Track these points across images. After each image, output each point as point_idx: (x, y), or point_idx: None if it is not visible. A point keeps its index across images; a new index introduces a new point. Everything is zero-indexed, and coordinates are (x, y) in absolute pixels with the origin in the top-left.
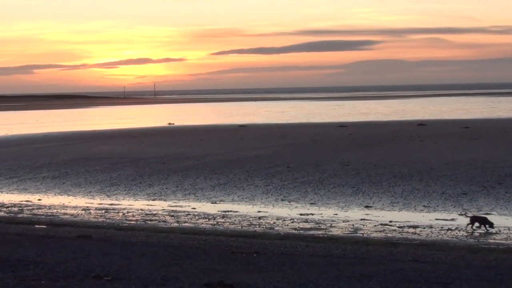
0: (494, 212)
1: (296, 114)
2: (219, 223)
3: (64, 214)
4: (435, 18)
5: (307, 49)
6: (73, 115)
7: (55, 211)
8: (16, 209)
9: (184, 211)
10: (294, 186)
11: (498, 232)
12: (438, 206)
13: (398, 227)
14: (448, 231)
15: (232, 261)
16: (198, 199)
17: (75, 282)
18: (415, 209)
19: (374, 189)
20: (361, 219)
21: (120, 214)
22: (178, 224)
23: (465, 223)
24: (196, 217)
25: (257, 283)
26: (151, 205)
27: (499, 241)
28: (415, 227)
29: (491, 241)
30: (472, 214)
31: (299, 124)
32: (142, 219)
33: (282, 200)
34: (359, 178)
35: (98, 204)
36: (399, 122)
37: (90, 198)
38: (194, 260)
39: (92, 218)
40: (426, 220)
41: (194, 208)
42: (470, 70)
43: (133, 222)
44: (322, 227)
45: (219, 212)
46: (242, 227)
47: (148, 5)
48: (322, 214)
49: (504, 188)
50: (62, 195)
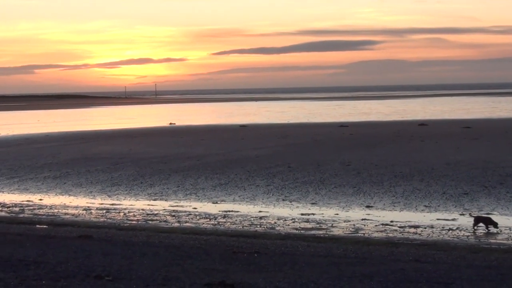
0: (495, 212)
1: (297, 114)
2: (220, 223)
3: (65, 214)
4: (436, 18)
5: (308, 49)
6: (74, 115)
7: (56, 211)
8: (17, 209)
9: (185, 211)
10: (295, 186)
11: (499, 232)
12: (439, 206)
13: (399, 227)
14: (449, 231)
15: (233, 261)
16: (199, 199)
17: (76, 282)
18: (416, 209)
19: (375, 189)
20: (362, 219)
21: (121, 214)
22: (179, 224)
23: (466, 222)
24: (197, 217)
25: (258, 283)
26: (152, 205)
27: (500, 241)
28: (416, 227)
29: (492, 241)
30: (477, 214)
31: (300, 124)
32: (143, 219)
33: (283, 200)
34: (360, 178)
35: (99, 204)
36: (400, 122)
37: (91, 198)
38: (195, 260)
39: (93, 218)
40: (427, 220)
41: (195, 208)
42: (471, 70)
43: (134, 222)
44: (323, 227)
45: (220, 212)
46: (243, 227)
47: (149, 5)
48: (323, 214)
49: (505, 188)
50: (63, 195)
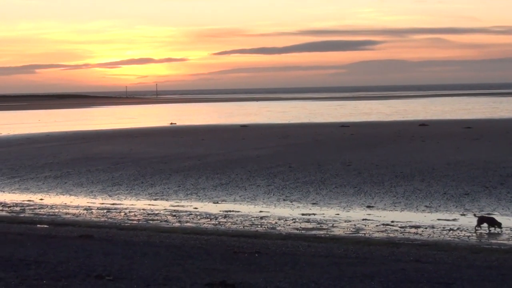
0: (496, 213)
1: (297, 114)
2: (221, 223)
3: (66, 213)
4: (437, 18)
5: (308, 49)
6: (75, 115)
7: (57, 210)
8: (18, 208)
9: (186, 211)
10: (296, 186)
11: (499, 232)
12: (440, 206)
13: (400, 227)
14: (450, 231)
15: (234, 261)
16: (200, 199)
17: (76, 282)
18: (417, 209)
19: (376, 189)
20: (363, 219)
21: (122, 214)
22: (180, 224)
23: (467, 223)
24: (198, 217)
25: (258, 283)
26: (153, 204)
27: (501, 241)
28: (417, 227)
29: (493, 241)
30: (481, 215)
31: (301, 124)
32: (144, 218)
33: (284, 200)
34: (361, 178)
35: (100, 203)
36: (401, 122)
37: (92, 198)
38: (196, 260)
39: (94, 217)
40: (428, 220)
41: (196, 208)
42: (471, 70)
43: (135, 222)
44: (324, 227)
45: (221, 212)
46: (244, 227)
47: (150, 5)
48: (324, 214)
49: (506, 189)
50: (64, 194)
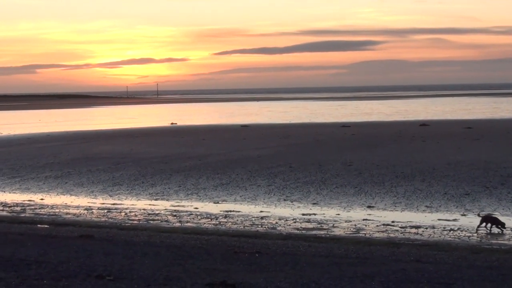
0: (496, 213)
1: (298, 114)
2: (222, 223)
3: (67, 213)
4: (438, 18)
5: (309, 49)
6: (75, 115)
7: (57, 210)
8: (18, 208)
9: (186, 211)
10: (297, 186)
11: (500, 232)
12: (440, 207)
13: (401, 228)
14: (451, 232)
15: (235, 261)
16: (201, 199)
17: (77, 282)
18: (418, 209)
19: (376, 189)
20: (363, 219)
21: (123, 214)
22: (180, 224)
23: (467, 223)
24: (199, 217)
25: (259, 283)
26: (153, 205)
27: (502, 241)
28: (417, 227)
29: (493, 241)
30: (484, 214)
31: (302, 124)
32: (144, 219)
33: (285, 200)
34: (362, 178)
35: (101, 203)
36: (402, 122)
37: (93, 198)
38: (197, 260)
39: (95, 217)
40: (429, 220)
41: (196, 208)
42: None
43: (135, 222)
44: (325, 227)
45: (222, 212)
46: (244, 227)
47: (151, 5)
48: (324, 214)
49: (506, 189)
50: (64, 194)
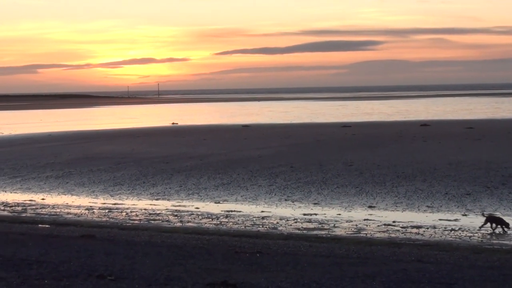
0: (497, 213)
1: (299, 114)
2: (223, 223)
3: (68, 213)
4: (439, 18)
5: (310, 49)
6: (76, 115)
7: (58, 210)
8: (19, 208)
9: (187, 211)
10: (298, 186)
11: (501, 232)
12: (441, 207)
13: (402, 228)
14: (452, 232)
15: (235, 261)
16: (202, 199)
17: (78, 282)
18: (419, 209)
19: (377, 189)
20: (364, 219)
21: (124, 214)
22: (181, 224)
23: (468, 223)
24: (200, 216)
25: (260, 283)
26: (154, 204)
27: (503, 241)
28: (418, 227)
29: (494, 241)
30: (488, 214)
31: (303, 124)
32: (145, 218)
33: (286, 200)
34: (363, 178)
35: (102, 203)
36: (403, 123)
37: (94, 198)
38: (198, 260)
39: (96, 217)
40: (430, 220)
41: (197, 208)
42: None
43: (136, 222)
44: (325, 227)
45: (223, 212)
46: (245, 227)
47: (152, 4)
48: (325, 214)
49: (507, 189)
50: (65, 194)
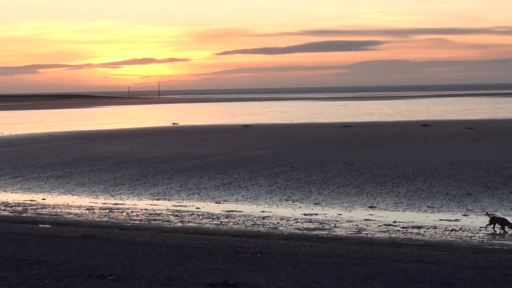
0: (498, 213)
1: (300, 114)
2: (223, 223)
3: (68, 213)
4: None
5: (311, 49)
6: (77, 115)
7: (59, 210)
8: (20, 208)
9: (188, 211)
10: (298, 186)
11: (501, 233)
12: (442, 207)
13: (402, 228)
14: (452, 232)
15: (236, 261)
16: (202, 199)
17: (79, 282)
18: (419, 209)
19: (378, 189)
20: (365, 220)
21: (124, 214)
22: (182, 224)
23: (469, 223)
24: (200, 217)
25: (261, 283)
26: (155, 204)
27: (503, 241)
28: (419, 227)
29: (495, 241)
30: (492, 215)
31: (303, 124)
32: (146, 218)
33: (286, 200)
34: (363, 179)
35: (102, 203)
36: (404, 123)
37: (94, 198)
38: (198, 260)
39: (96, 217)
40: (430, 220)
41: (198, 208)
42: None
43: (137, 222)
44: (326, 227)
45: (223, 212)
46: (246, 227)
47: (152, 4)
48: (326, 214)
49: (508, 189)
50: (66, 194)
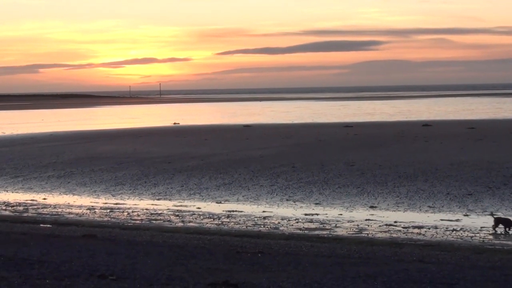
0: (499, 213)
1: (301, 114)
2: (224, 223)
3: (69, 213)
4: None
5: (312, 49)
6: (78, 115)
7: (60, 210)
8: (21, 208)
9: (189, 211)
10: (299, 186)
11: (502, 233)
12: (443, 207)
13: (403, 228)
14: (453, 232)
15: (237, 261)
16: (203, 199)
17: (79, 281)
18: (420, 209)
19: (379, 189)
20: (366, 220)
21: (125, 214)
22: (183, 224)
23: (470, 223)
24: (201, 216)
25: (261, 283)
26: (156, 204)
27: (504, 241)
28: (420, 227)
29: (496, 241)
30: (497, 216)
31: (304, 124)
32: (147, 218)
33: (287, 200)
34: (364, 178)
35: (103, 203)
36: (405, 123)
37: (95, 198)
38: (199, 260)
39: (97, 217)
40: (431, 220)
41: (199, 208)
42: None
43: (138, 222)
44: (327, 227)
45: (224, 212)
46: (247, 227)
47: (154, 4)
48: (327, 214)
49: (509, 189)
50: (67, 194)
